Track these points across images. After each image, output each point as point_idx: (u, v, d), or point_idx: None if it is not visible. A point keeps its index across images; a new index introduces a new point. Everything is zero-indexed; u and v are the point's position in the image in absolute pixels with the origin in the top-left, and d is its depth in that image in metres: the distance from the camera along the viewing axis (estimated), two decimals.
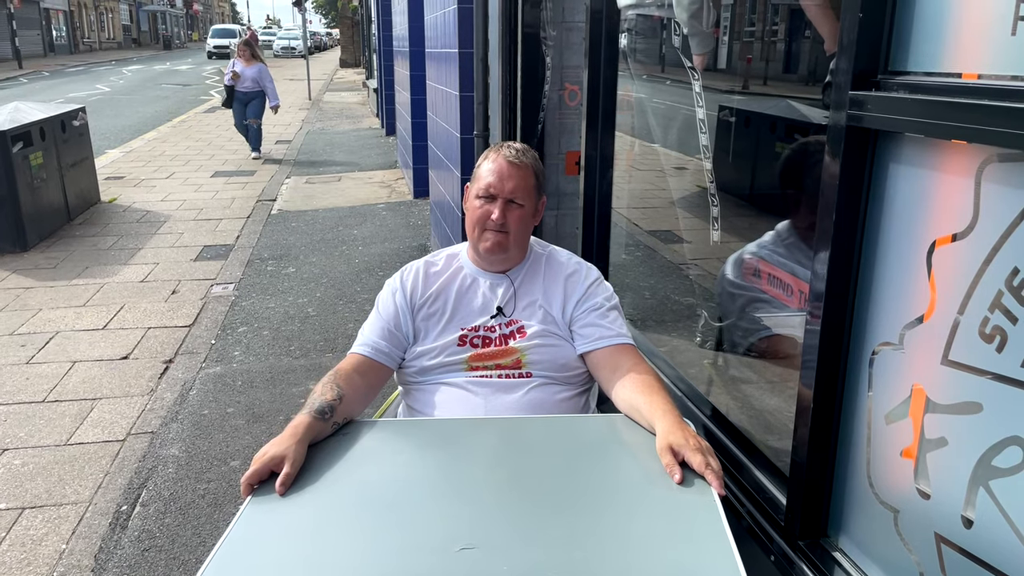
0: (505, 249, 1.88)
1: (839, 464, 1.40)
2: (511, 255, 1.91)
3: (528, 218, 1.90)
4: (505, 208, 1.85)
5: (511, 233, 1.86)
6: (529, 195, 1.89)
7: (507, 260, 1.92)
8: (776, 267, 2.06)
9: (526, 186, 1.88)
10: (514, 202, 1.86)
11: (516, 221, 1.86)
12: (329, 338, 4.64)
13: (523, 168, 1.88)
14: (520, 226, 1.88)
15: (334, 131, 14.41)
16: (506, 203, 1.85)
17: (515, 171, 1.87)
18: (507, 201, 1.85)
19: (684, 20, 2.22)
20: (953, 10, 1.07)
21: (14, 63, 31.86)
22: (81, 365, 4.27)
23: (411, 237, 6.90)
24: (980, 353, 1.06)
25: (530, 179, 1.89)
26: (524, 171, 1.88)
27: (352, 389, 1.71)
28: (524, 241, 1.93)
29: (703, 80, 2.23)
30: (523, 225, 1.89)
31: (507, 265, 1.94)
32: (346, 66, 35.24)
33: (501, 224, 1.84)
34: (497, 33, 3.76)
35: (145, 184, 9.22)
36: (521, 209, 1.87)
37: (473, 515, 1.36)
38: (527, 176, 1.89)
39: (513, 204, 1.86)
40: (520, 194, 1.86)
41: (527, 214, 1.89)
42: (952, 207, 1.10)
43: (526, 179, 1.88)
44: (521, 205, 1.87)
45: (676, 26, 2.29)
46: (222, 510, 2.97)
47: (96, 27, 51.12)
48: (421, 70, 7.02)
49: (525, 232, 1.91)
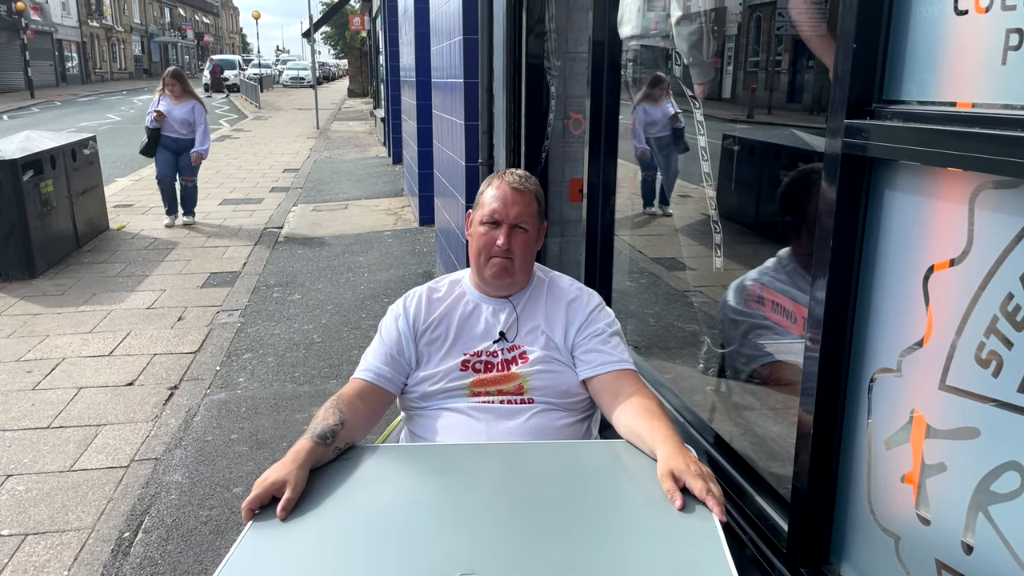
0: (511, 274, 1.90)
1: (840, 490, 1.39)
2: (516, 280, 1.93)
3: (532, 243, 1.93)
4: (510, 234, 1.87)
5: (516, 259, 1.88)
6: (533, 220, 1.92)
7: (512, 285, 1.94)
8: (778, 293, 2.07)
9: (530, 212, 1.91)
10: (519, 227, 1.88)
11: (521, 246, 1.89)
12: (334, 365, 4.64)
13: (527, 194, 1.91)
14: (525, 251, 1.90)
15: (341, 159, 14.53)
16: (511, 229, 1.88)
17: (519, 197, 1.89)
18: (512, 227, 1.88)
19: (685, 50, 2.26)
20: (945, 40, 1.09)
21: (26, 93, 32.30)
22: (87, 391, 4.29)
23: (416, 264, 6.93)
24: (977, 378, 1.07)
25: (533, 204, 1.92)
26: (527, 197, 1.91)
27: (354, 414, 1.72)
28: (528, 266, 1.96)
29: (705, 109, 2.26)
30: (528, 250, 1.91)
31: (511, 290, 1.95)
32: (354, 95, 35.63)
33: (507, 250, 1.86)
34: (502, 63, 3.81)
35: (154, 212, 9.29)
36: (526, 234, 1.90)
37: (474, 541, 1.36)
38: (530, 202, 1.91)
39: (518, 229, 1.88)
40: (525, 219, 1.89)
41: (531, 239, 1.92)
42: (947, 234, 1.11)
43: (529, 205, 1.91)
44: (526, 230, 1.89)
45: (677, 56, 2.32)
46: (224, 537, 2.96)
47: (108, 57, 51.87)
48: (428, 99, 7.11)
49: (529, 257, 1.94)
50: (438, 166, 6.27)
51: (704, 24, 2.12)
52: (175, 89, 8.09)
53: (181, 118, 8.03)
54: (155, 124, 7.94)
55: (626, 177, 3.15)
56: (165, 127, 8.00)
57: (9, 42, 35.13)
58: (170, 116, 8.00)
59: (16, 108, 26.15)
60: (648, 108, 3.06)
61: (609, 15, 2.62)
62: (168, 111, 7.98)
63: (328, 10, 24.99)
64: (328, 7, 26.21)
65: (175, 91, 8.08)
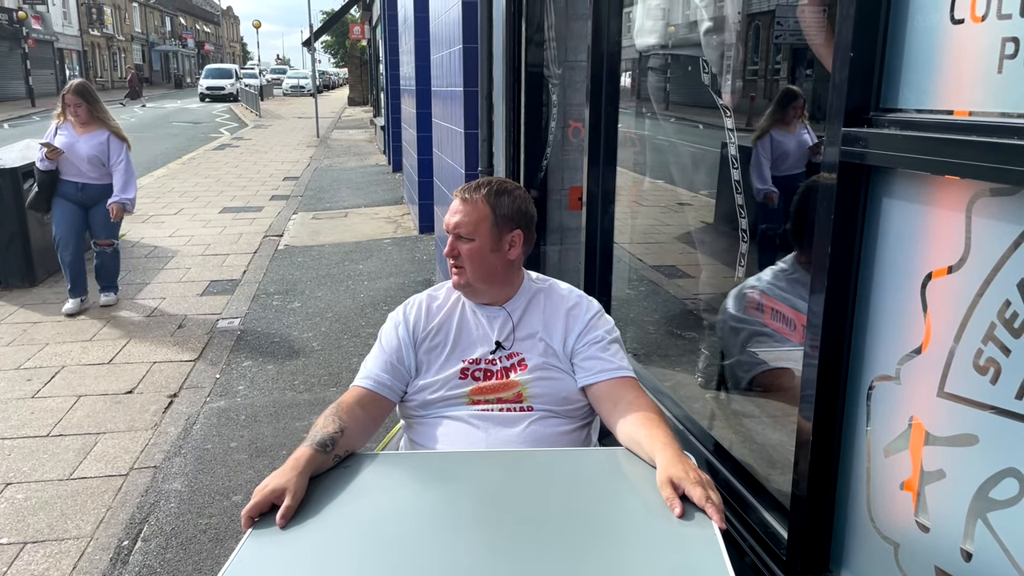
0: (465, 283, 1.90)
1: (840, 498, 1.40)
2: (478, 289, 1.92)
3: (482, 252, 1.87)
4: (456, 242, 1.88)
5: (466, 267, 1.88)
6: (477, 229, 1.87)
7: (481, 294, 1.93)
8: (778, 301, 2.07)
9: (470, 220, 1.87)
10: (461, 237, 1.88)
11: (468, 255, 1.87)
12: (333, 372, 4.64)
13: (470, 202, 1.89)
14: (474, 259, 1.87)
15: (341, 168, 14.56)
16: (455, 238, 1.88)
17: (462, 206, 1.89)
18: (455, 236, 1.88)
19: (715, 60, 2.24)
20: (942, 49, 1.10)
21: (27, 101, 32.38)
22: (86, 399, 4.28)
23: (416, 272, 6.93)
24: (975, 385, 1.07)
25: (478, 213, 1.87)
26: (471, 205, 1.88)
27: (354, 422, 1.72)
28: (485, 275, 1.90)
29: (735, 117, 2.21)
30: (478, 258, 1.87)
31: (489, 299, 1.94)
32: (354, 104, 35.73)
33: (456, 256, 1.88)
34: (501, 72, 3.83)
35: (154, 220, 9.31)
36: (471, 243, 1.87)
37: (474, 548, 1.36)
38: (473, 211, 1.88)
39: (461, 239, 1.88)
40: (464, 228, 1.87)
41: (477, 248, 1.87)
42: (944, 241, 1.11)
43: (471, 213, 1.87)
44: (471, 240, 1.87)
45: (705, 64, 2.30)
46: (223, 545, 2.95)
47: (109, 66, 52.03)
48: (427, 108, 7.13)
49: (483, 266, 1.88)
50: (438, 174, 6.29)
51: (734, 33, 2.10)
52: (80, 112, 5.35)
53: (88, 154, 5.36)
54: (47, 164, 5.34)
55: (625, 185, 3.16)
56: (64, 168, 5.39)
57: (10, 51, 35.22)
58: (70, 152, 5.33)
59: (17, 117, 26.22)
60: (778, 136, 2.35)
61: (608, 23, 2.64)
62: (68, 145, 5.33)
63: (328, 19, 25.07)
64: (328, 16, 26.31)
65: (80, 115, 5.36)
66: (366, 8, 19.46)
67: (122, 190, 5.46)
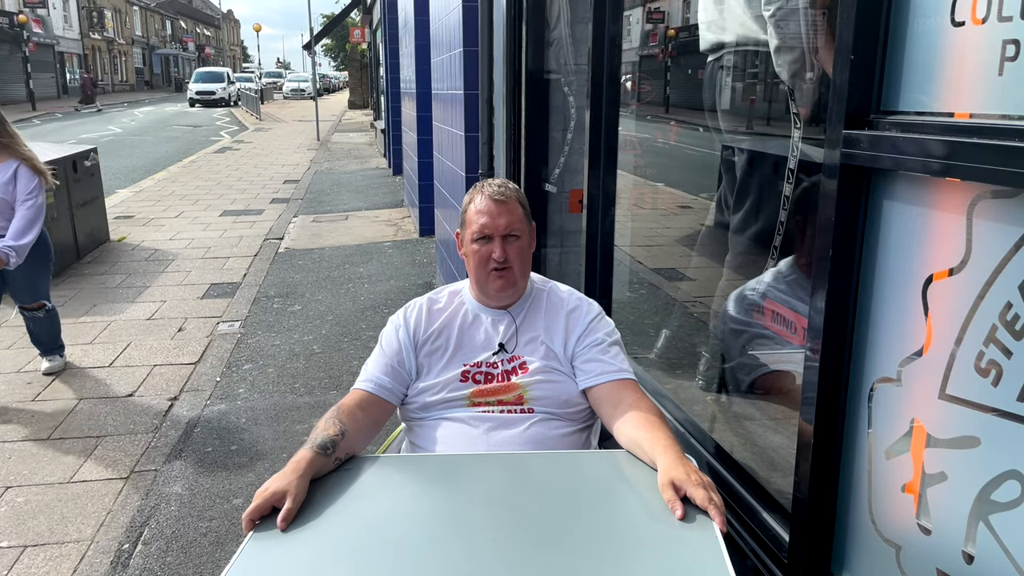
0: (514, 283, 1.92)
1: (841, 500, 1.39)
2: (519, 287, 1.95)
3: (526, 248, 1.95)
4: (504, 244, 1.88)
5: (515, 267, 1.90)
6: (522, 225, 1.94)
7: (515, 293, 1.96)
8: (778, 303, 2.07)
9: (517, 217, 1.92)
10: (511, 236, 1.90)
11: (516, 254, 1.90)
12: (334, 375, 4.64)
13: (509, 202, 1.92)
14: (522, 257, 1.93)
15: (342, 171, 14.56)
16: (504, 239, 1.89)
17: (503, 207, 1.91)
18: (504, 237, 1.89)
19: (786, 79, 2.21)
20: (942, 52, 1.10)
21: (28, 105, 32.41)
22: (86, 402, 4.28)
23: (417, 275, 6.93)
24: (976, 387, 1.07)
25: (518, 210, 1.94)
26: (511, 204, 1.92)
27: (355, 425, 1.72)
28: (527, 270, 1.98)
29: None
30: (524, 256, 1.94)
31: (513, 299, 1.96)
32: (354, 107, 35.77)
33: (503, 260, 1.88)
34: (502, 76, 3.83)
35: (154, 223, 9.32)
36: (519, 241, 1.91)
37: (474, 551, 1.36)
38: (514, 208, 1.93)
39: (511, 238, 1.90)
40: (515, 227, 1.91)
41: (524, 245, 1.94)
42: (945, 243, 1.11)
43: (514, 211, 1.92)
44: (518, 237, 1.91)
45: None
46: (224, 548, 2.95)
47: (110, 70, 52.07)
48: (428, 111, 7.13)
49: (526, 261, 1.96)
50: (438, 177, 6.29)
51: (805, 51, 2.06)
52: None
53: None
54: None
55: (625, 188, 3.15)
56: None
57: (11, 54, 35.27)
58: None
59: (17, 120, 26.20)
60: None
61: (609, 26, 2.64)
62: None
63: (328, 23, 25.09)
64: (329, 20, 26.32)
65: None
66: (366, 11, 19.48)
67: (15, 235, 4.00)
